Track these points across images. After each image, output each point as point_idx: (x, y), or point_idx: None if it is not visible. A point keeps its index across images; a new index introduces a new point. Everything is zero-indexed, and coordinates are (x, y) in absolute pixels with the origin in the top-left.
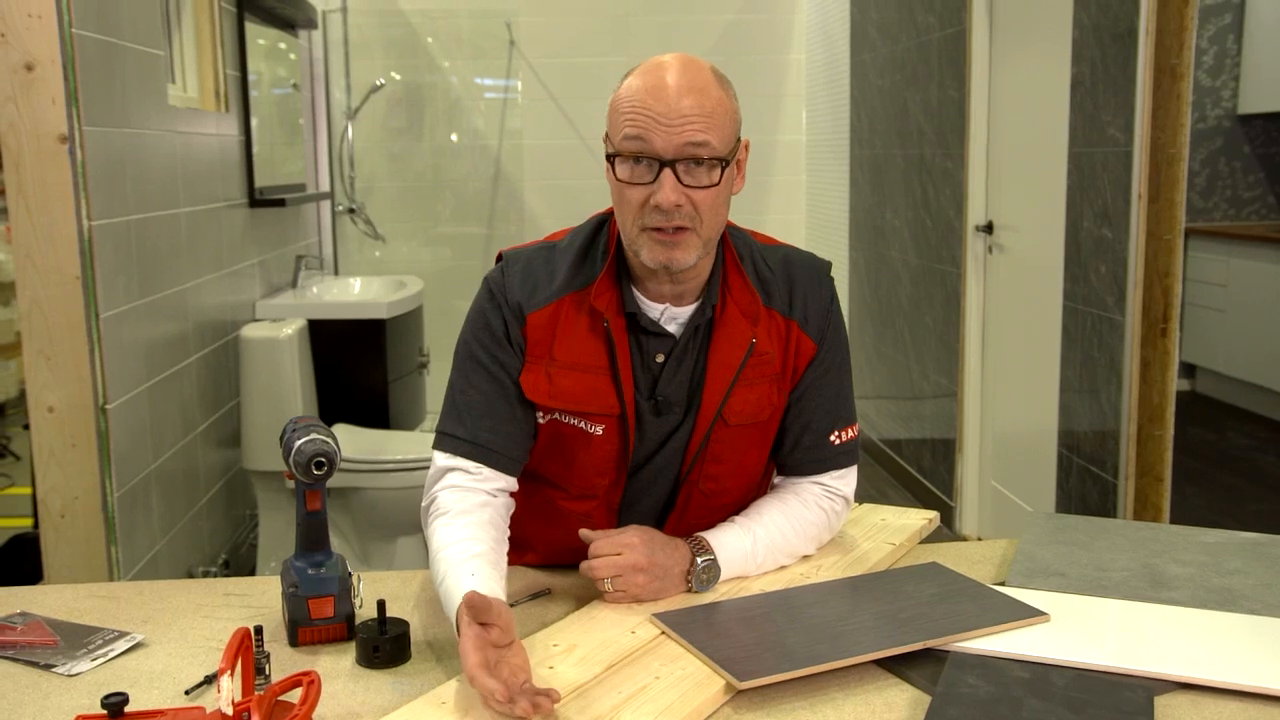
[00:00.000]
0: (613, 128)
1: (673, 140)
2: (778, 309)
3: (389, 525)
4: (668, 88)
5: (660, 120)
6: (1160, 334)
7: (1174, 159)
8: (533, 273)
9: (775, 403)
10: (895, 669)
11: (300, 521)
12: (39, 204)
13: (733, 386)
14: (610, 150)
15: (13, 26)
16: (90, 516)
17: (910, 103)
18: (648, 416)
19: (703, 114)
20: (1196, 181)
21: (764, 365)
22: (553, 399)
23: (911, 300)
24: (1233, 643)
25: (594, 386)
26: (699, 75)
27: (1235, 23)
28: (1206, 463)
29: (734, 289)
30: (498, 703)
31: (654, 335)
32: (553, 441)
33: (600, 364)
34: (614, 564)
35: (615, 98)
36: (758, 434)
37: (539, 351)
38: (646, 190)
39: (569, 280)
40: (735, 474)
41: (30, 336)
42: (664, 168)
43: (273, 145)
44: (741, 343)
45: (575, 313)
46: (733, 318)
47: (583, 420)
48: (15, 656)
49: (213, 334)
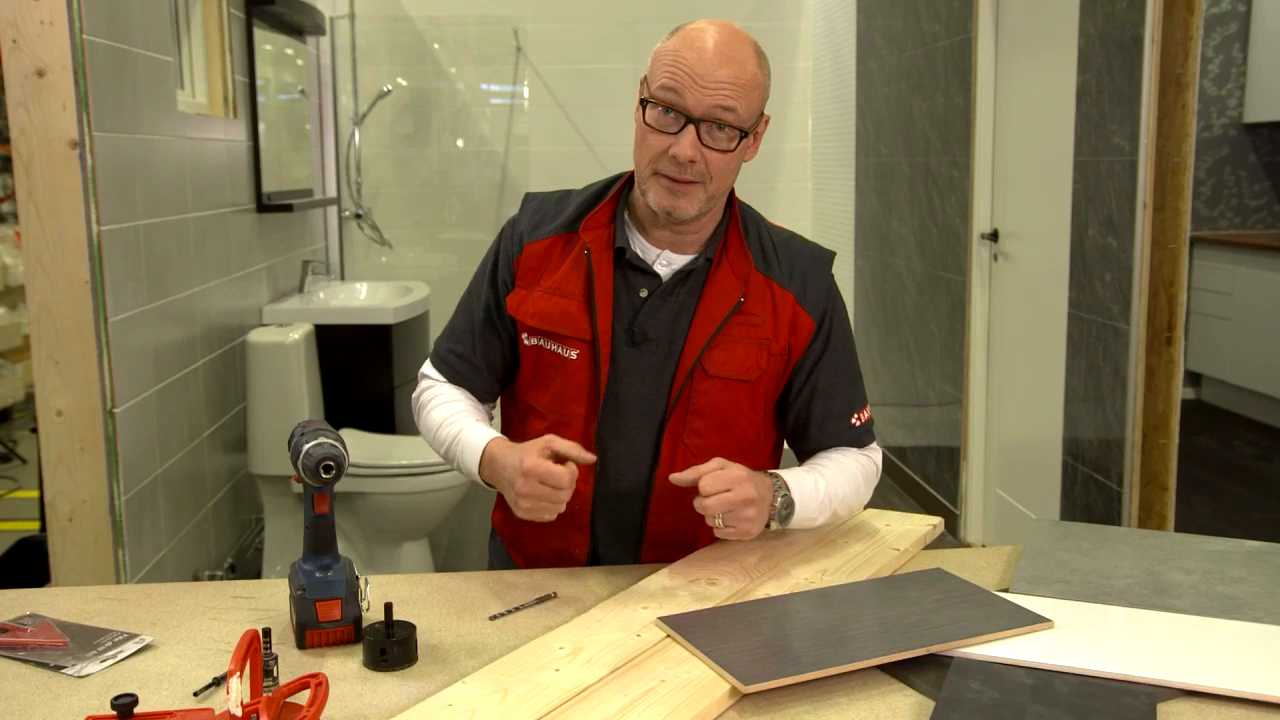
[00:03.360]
0: (651, 74)
1: (703, 101)
2: (776, 279)
3: (394, 530)
4: (709, 51)
5: (697, 80)
6: (1165, 342)
7: (1179, 168)
8: (544, 210)
9: (763, 366)
10: (899, 674)
11: (308, 525)
12: (49, 209)
13: (715, 337)
14: (645, 95)
15: (24, 33)
16: (98, 520)
17: (916, 111)
18: (622, 347)
19: (736, 84)
20: (1202, 190)
21: (751, 325)
22: (530, 316)
23: (917, 308)
24: (1236, 650)
25: (568, 310)
26: (740, 47)
27: (1241, 31)
28: (1212, 471)
29: (731, 249)
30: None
31: (642, 272)
32: (536, 369)
33: (577, 290)
34: (726, 500)
35: (660, 49)
36: (745, 395)
37: (529, 279)
38: (668, 140)
39: (571, 220)
40: (721, 432)
41: (39, 340)
42: (689, 124)
43: (280, 151)
44: (730, 297)
45: (566, 247)
46: (725, 274)
47: (559, 344)
48: (25, 658)
49: (220, 338)
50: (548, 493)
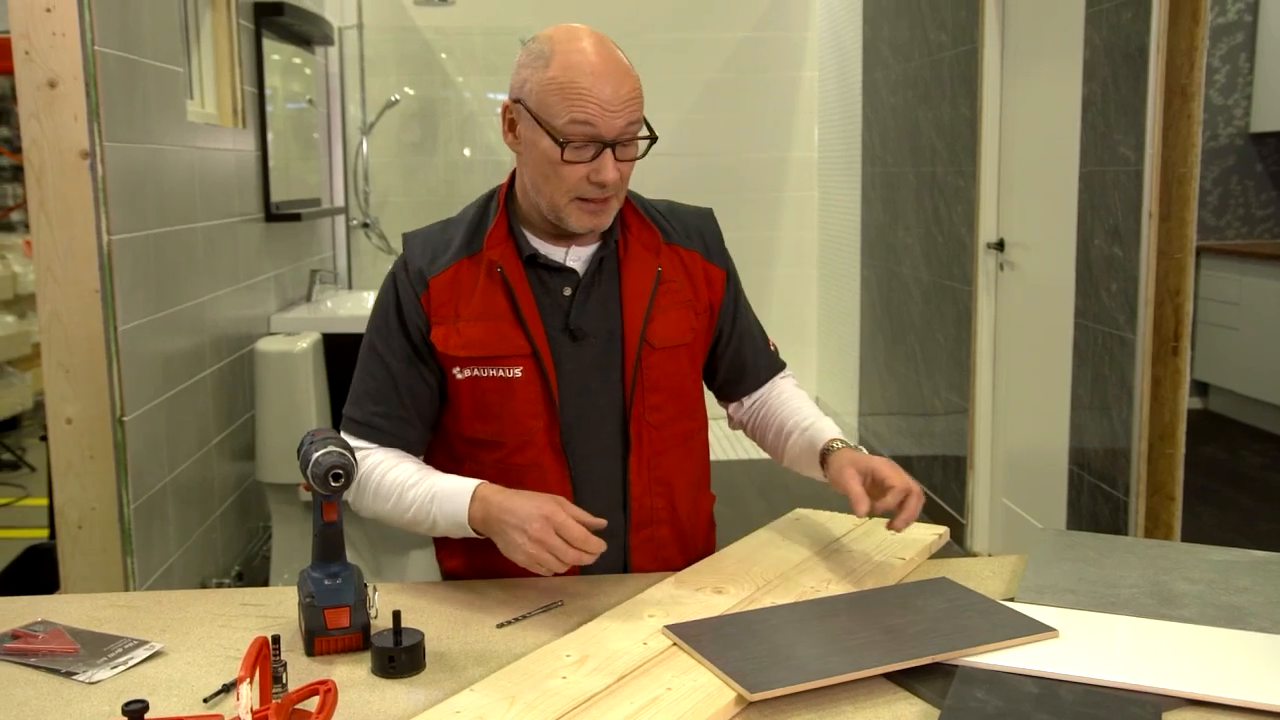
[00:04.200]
0: (545, 109)
1: (616, 124)
2: (678, 243)
3: (401, 539)
4: (605, 73)
5: (606, 107)
6: (1171, 352)
7: (1185, 178)
8: (431, 243)
9: (695, 326)
10: (904, 683)
11: (317, 533)
12: (60, 218)
13: (650, 311)
14: (558, 137)
15: (37, 45)
16: (107, 527)
17: (922, 120)
18: (565, 348)
19: (636, 96)
20: (1209, 200)
21: (674, 293)
22: (463, 348)
23: (923, 317)
24: (1241, 660)
25: (500, 331)
26: (620, 57)
27: (1247, 41)
28: (1219, 481)
29: (633, 228)
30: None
31: (557, 272)
32: (477, 400)
33: (503, 309)
34: (917, 509)
35: (544, 79)
36: (686, 358)
37: (445, 313)
38: (585, 167)
39: (465, 244)
40: (676, 401)
41: (50, 349)
42: (606, 148)
43: (288, 160)
44: (649, 272)
45: (474, 270)
46: (636, 252)
47: (498, 368)
48: (37, 664)
49: (228, 347)
50: (560, 546)
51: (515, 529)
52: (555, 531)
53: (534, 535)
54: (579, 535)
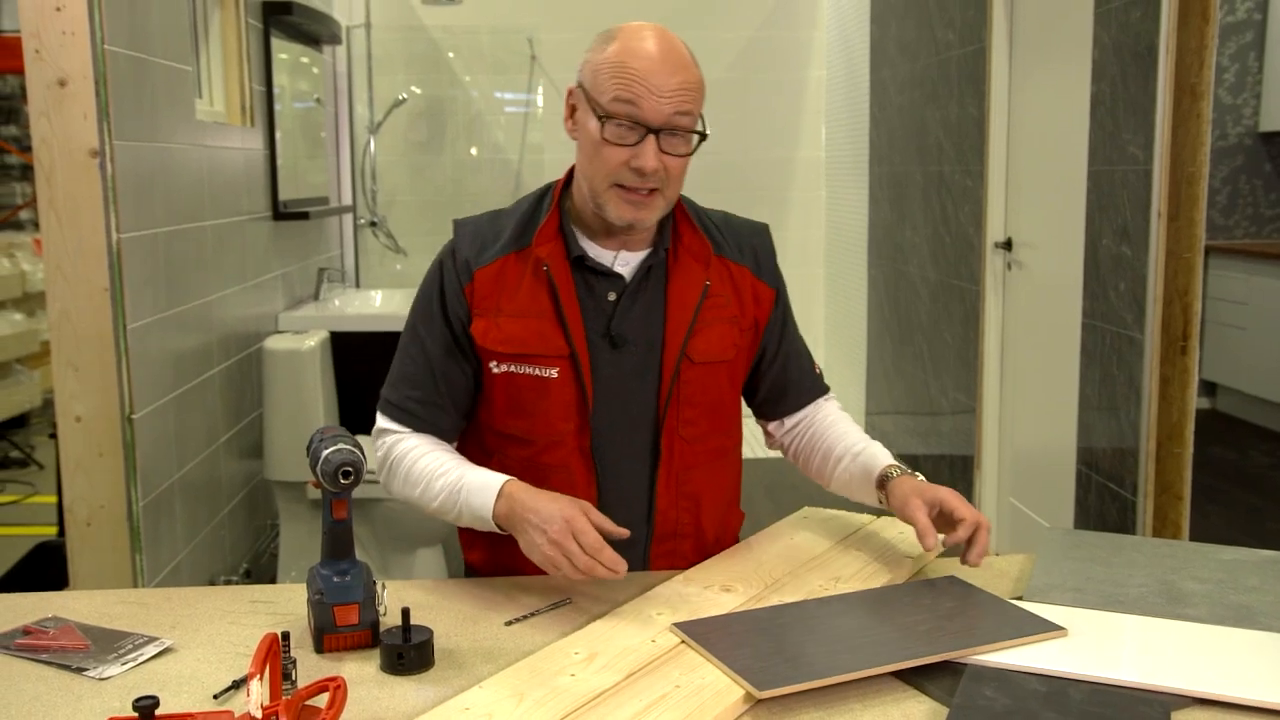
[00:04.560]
0: (595, 87)
1: (662, 110)
2: (729, 256)
3: (409, 537)
4: (659, 60)
5: (653, 90)
6: (1180, 352)
7: (1194, 177)
8: (480, 234)
9: (738, 343)
10: (913, 681)
11: (326, 530)
12: (69, 217)
13: (694, 325)
14: (600, 111)
15: (47, 44)
16: (116, 525)
17: (930, 120)
18: (604, 354)
19: (689, 89)
20: (1218, 199)
21: (720, 307)
22: (502, 344)
23: (930, 316)
24: (1250, 659)
25: (540, 330)
26: (683, 52)
27: (1257, 40)
28: (1227, 481)
29: (685, 236)
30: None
31: (604, 276)
32: (511, 397)
33: (545, 308)
34: (987, 541)
35: (597, 60)
36: (725, 374)
37: (487, 305)
38: (627, 152)
39: (514, 238)
40: (711, 416)
41: (59, 347)
42: (649, 134)
43: (296, 159)
44: (696, 284)
45: (520, 266)
46: (686, 262)
47: (535, 366)
48: (48, 660)
49: (237, 345)
50: (575, 551)
51: (536, 529)
52: (573, 536)
53: (552, 537)
54: (592, 544)
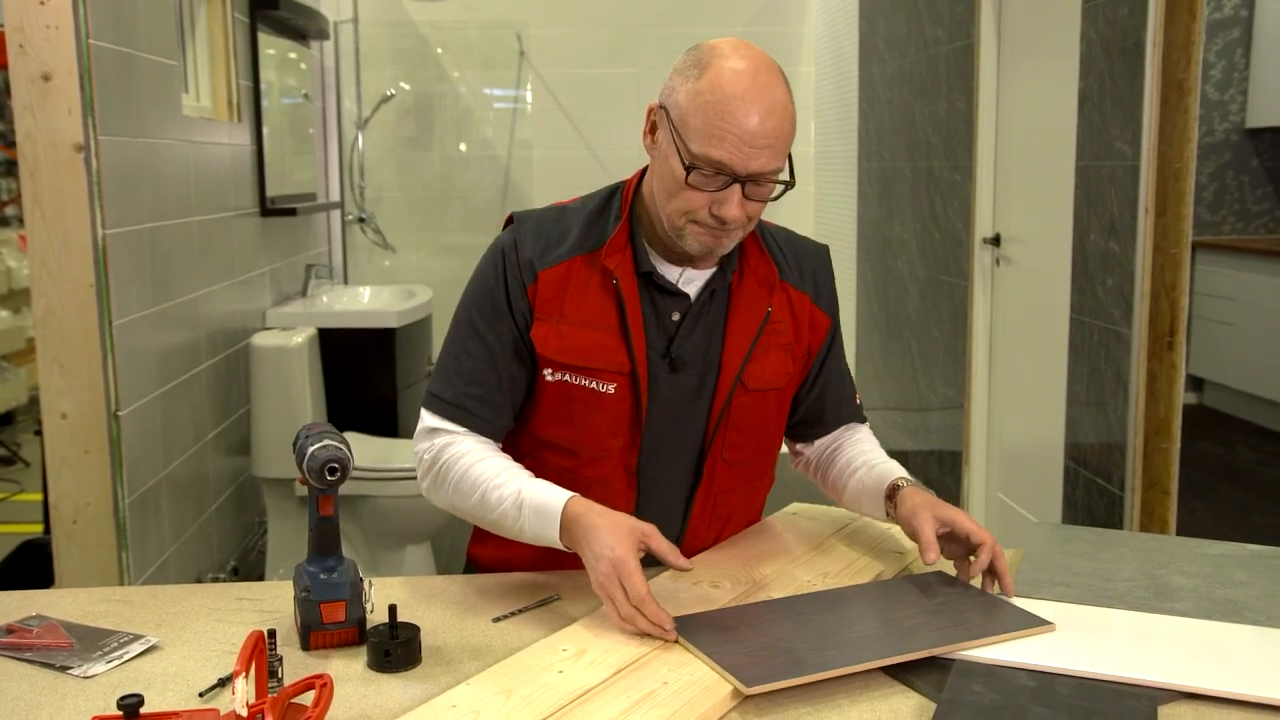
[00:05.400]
0: (683, 124)
1: (750, 163)
2: (791, 282)
3: (397, 533)
4: (754, 104)
5: (745, 142)
6: (1167, 347)
7: (1181, 173)
8: (545, 231)
9: (790, 370)
10: (901, 676)
11: (313, 527)
12: (54, 212)
13: (751, 351)
14: (685, 158)
15: (31, 38)
16: (102, 522)
17: (918, 115)
18: (662, 375)
19: (781, 137)
20: (1204, 195)
21: (778, 334)
22: (562, 353)
23: (919, 312)
24: (1236, 653)
25: (604, 344)
26: (780, 91)
27: (1244, 37)
28: (1214, 476)
29: (751, 259)
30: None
31: (670, 294)
32: (562, 405)
33: (610, 322)
34: (1006, 566)
35: (690, 92)
36: (775, 402)
37: (550, 309)
38: (710, 197)
39: (581, 241)
40: (756, 442)
41: (44, 343)
42: (735, 183)
43: (284, 155)
44: (759, 310)
45: (587, 271)
46: (750, 286)
47: (593, 380)
48: (32, 659)
49: (224, 342)
50: (620, 601)
51: (588, 563)
52: (619, 581)
53: (599, 579)
54: (637, 594)
